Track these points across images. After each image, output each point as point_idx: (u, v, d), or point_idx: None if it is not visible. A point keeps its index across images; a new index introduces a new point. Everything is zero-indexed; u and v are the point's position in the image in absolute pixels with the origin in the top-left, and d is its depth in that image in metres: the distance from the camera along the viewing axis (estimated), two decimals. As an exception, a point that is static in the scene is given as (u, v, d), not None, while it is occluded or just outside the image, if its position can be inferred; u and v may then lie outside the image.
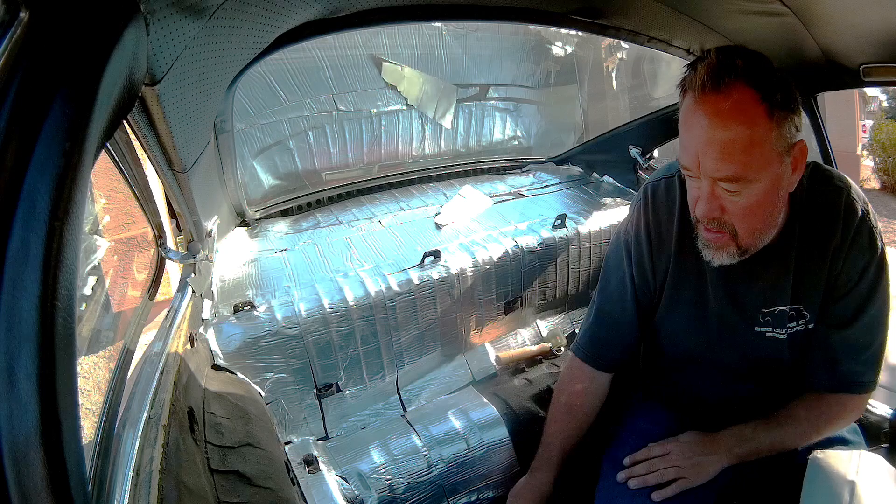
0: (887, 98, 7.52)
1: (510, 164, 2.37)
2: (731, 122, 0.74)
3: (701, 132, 0.76)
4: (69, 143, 0.35)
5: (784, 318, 0.93)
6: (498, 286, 1.72)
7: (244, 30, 0.72)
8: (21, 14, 0.34)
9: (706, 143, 0.75)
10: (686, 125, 0.79)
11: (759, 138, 0.74)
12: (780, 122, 0.75)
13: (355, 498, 1.25)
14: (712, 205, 0.80)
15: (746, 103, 0.74)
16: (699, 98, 0.76)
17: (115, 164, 0.91)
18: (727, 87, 0.74)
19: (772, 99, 0.74)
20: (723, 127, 0.74)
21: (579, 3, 1.05)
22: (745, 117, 0.74)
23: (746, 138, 0.74)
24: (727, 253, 0.84)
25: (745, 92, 0.74)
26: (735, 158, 0.75)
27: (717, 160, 0.75)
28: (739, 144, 0.74)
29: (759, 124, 0.74)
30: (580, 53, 2.89)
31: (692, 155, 0.78)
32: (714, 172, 0.77)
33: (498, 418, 1.47)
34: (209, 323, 1.34)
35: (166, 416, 0.83)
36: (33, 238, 0.32)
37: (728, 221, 0.81)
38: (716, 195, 0.79)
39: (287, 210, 1.91)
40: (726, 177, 0.76)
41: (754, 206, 0.79)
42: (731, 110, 0.74)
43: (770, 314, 0.93)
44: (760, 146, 0.75)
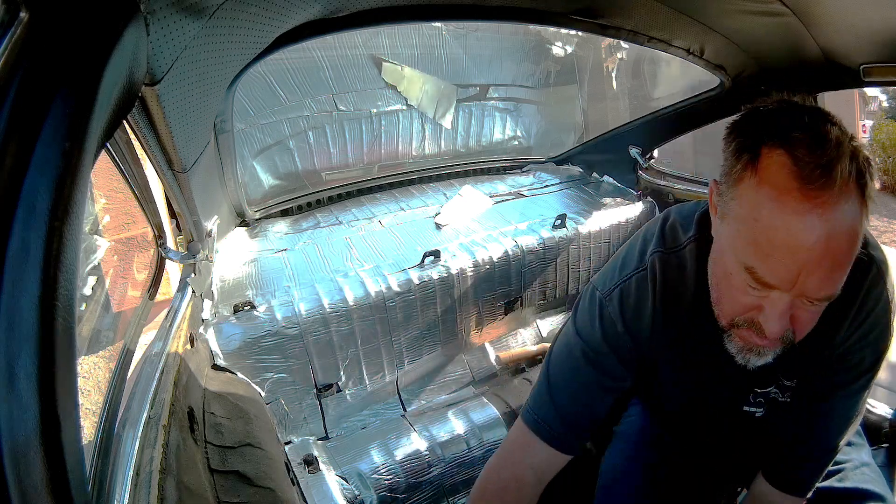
0: (887, 98, 7.53)
1: (510, 164, 2.37)
2: (849, 229, 0.56)
3: (809, 247, 0.56)
4: (69, 143, 0.35)
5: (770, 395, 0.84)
6: (498, 286, 1.72)
7: (244, 30, 0.72)
8: (21, 14, 0.34)
9: (818, 259, 0.56)
10: (776, 237, 0.57)
11: (861, 238, 0.59)
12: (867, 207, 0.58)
13: (355, 498, 1.25)
14: (786, 322, 0.63)
15: (854, 197, 0.56)
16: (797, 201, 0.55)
17: (115, 164, 0.91)
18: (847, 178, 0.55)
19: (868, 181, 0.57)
20: (843, 237, 0.56)
21: (579, 3, 1.05)
22: (856, 221, 0.56)
23: (857, 244, 0.58)
24: (773, 353, 0.68)
25: (853, 181, 0.56)
26: (843, 272, 0.58)
27: (826, 279, 0.58)
28: (850, 255, 0.58)
29: (864, 221, 0.58)
30: (580, 53, 2.89)
31: (787, 273, 0.58)
32: (816, 293, 0.59)
33: (498, 418, 1.47)
34: (209, 323, 1.34)
35: (166, 416, 0.83)
36: (33, 238, 0.32)
37: (797, 329, 0.65)
38: (792, 307, 0.62)
39: (287, 210, 1.91)
40: (831, 295, 0.60)
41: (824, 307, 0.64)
42: (849, 211, 0.55)
43: (763, 395, 0.83)
44: (859, 246, 0.59)
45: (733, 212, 0.62)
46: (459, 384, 1.68)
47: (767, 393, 0.84)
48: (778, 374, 0.82)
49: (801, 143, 0.56)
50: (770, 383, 0.83)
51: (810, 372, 0.79)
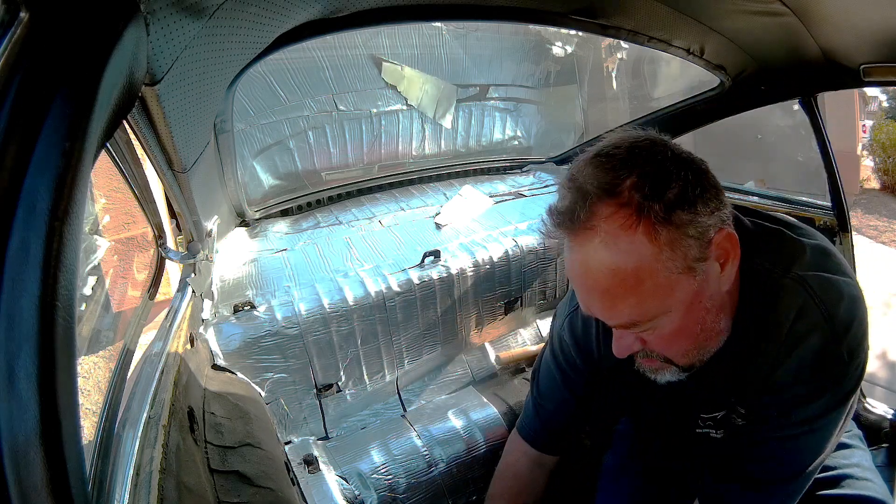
0: (887, 98, 7.52)
1: (510, 164, 2.37)
2: (602, 262, 0.61)
3: (576, 277, 0.65)
4: (69, 143, 0.35)
5: (726, 419, 0.83)
6: (498, 286, 1.72)
7: (244, 30, 0.72)
8: (21, 14, 0.34)
9: (587, 293, 0.65)
10: (567, 269, 0.68)
11: (646, 270, 0.60)
12: (672, 237, 0.60)
13: (355, 498, 1.25)
14: (626, 342, 0.69)
15: (617, 233, 0.60)
16: (567, 239, 0.64)
17: (115, 164, 0.91)
18: (587, 219, 0.60)
19: (652, 213, 0.59)
20: (595, 271, 0.62)
21: (579, 3, 1.05)
22: (620, 252, 0.60)
23: (631, 276, 0.61)
24: (669, 373, 0.73)
25: (612, 218, 0.60)
26: (622, 303, 0.63)
27: (604, 308, 0.65)
28: (622, 287, 0.62)
29: (643, 253, 0.60)
30: (580, 53, 2.89)
31: (583, 303, 0.68)
32: (607, 320, 0.67)
33: (498, 418, 1.47)
34: (209, 323, 1.34)
35: (166, 416, 0.83)
36: (33, 238, 0.32)
37: (654, 350, 0.70)
38: (627, 332, 0.68)
39: (287, 210, 1.91)
40: (621, 325, 0.67)
41: (675, 334, 0.67)
42: (599, 248, 0.60)
43: (712, 419, 0.84)
44: (652, 278, 0.61)
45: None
46: (459, 384, 1.68)
47: (717, 417, 0.83)
48: (728, 399, 0.80)
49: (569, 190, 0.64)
50: (719, 408, 0.82)
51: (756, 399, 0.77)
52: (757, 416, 0.78)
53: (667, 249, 0.60)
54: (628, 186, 0.60)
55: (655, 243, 0.60)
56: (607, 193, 0.60)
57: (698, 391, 0.80)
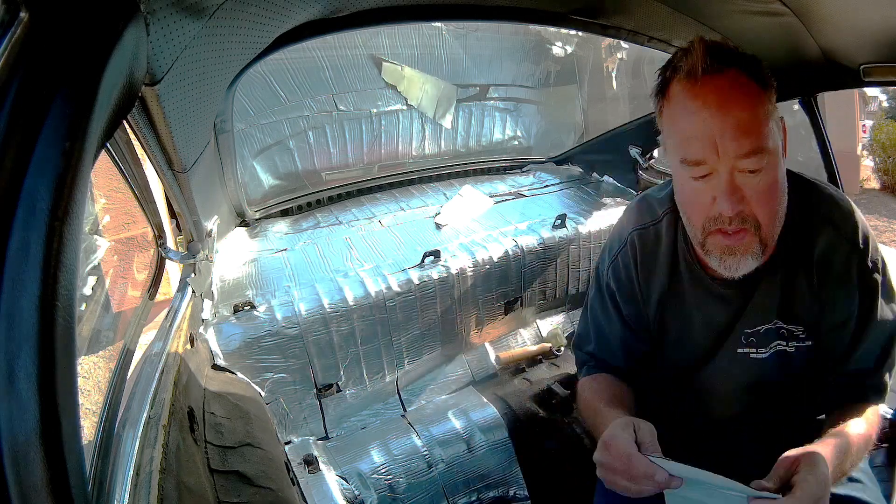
0: (887, 98, 7.52)
1: (510, 164, 2.37)
2: (742, 98, 0.75)
3: (711, 115, 0.75)
4: (69, 143, 0.35)
5: (769, 338, 0.88)
6: (498, 286, 1.72)
7: (244, 30, 0.72)
8: (21, 14, 0.34)
9: (722, 122, 0.75)
10: (688, 115, 0.77)
11: (766, 113, 0.76)
12: (770, 96, 0.78)
13: (355, 498, 1.25)
14: (735, 197, 0.77)
15: (744, 83, 0.76)
16: (700, 83, 0.76)
17: (115, 164, 0.91)
18: (729, 70, 0.76)
19: (760, 78, 0.77)
20: (737, 103, 0.75)
21: (579, 3, 1.05)
22: (751, 94, 0.76)
23: (760, 112, 0.76)
24: (751, 254, 0.79)
25: (739, 74, 0.76)
26: (755, 129, 0.75)
27: (741, 136, 0.74)
28: (755, 118, 0.75)
29: (762, 100, 0.76)
30: (580, 53, 2.89)
31: (705, 142, 0.76)
32: (739, 149, 0.75)
33: (498, 418, 1.47)
34: (209, 323, 1.34)
35: (166, 416, 0.83)
36: (33, 238, 0.32)
37: (750, 213, 0.78)
38: (736, 185, 0.77)
39: (287, 210, 1.91)
40: (751, 150, 0.75)
41: (772, 185, 0.78)
42: (735, 89, 0.75)
43: (755, 334, 0.89)
44: (767, 119, 0.76)
45: (665, 130, 0.82)
46: (459, 384, 1.68)
47: (760, 332, 0.88)
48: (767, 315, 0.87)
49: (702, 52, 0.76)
50: (760, 322, 0.87)
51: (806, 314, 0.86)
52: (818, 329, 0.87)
53: (770, 99, 0.77)
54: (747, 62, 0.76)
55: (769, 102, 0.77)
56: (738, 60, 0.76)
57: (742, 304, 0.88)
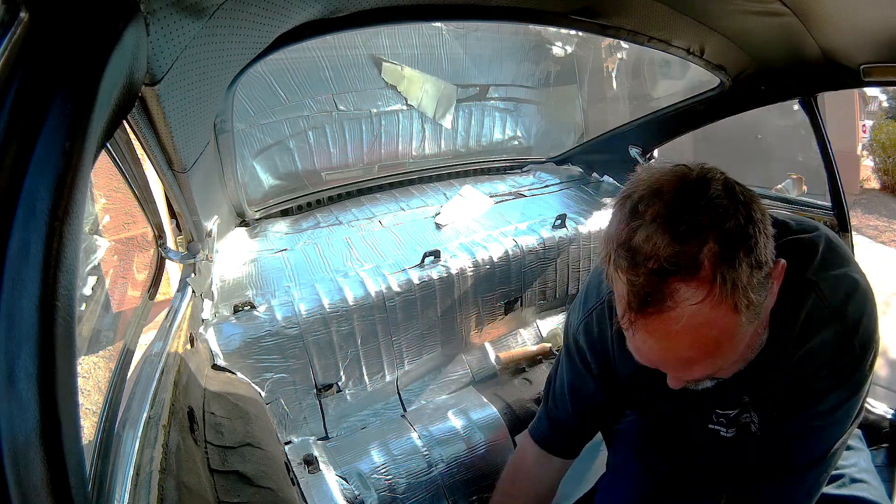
0: (887, 98, 7.51)
1: (510, 164, 2.37)
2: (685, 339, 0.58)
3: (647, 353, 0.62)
4: (69, 143, 0.35)
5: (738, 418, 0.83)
6: (498, 286, 1.72)
7: (244, 30, 0.72)
8: (21, 14, 0.34)
9: (663, 362, 0.63)
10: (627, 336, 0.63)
11: (727, 335, 0.59)
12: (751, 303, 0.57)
13: (355, 498, 1.25)
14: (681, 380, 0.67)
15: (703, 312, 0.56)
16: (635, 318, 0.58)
17: (115, 164, 0.91)
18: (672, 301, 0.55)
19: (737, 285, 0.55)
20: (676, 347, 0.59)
21: (579, 3, 1.05)
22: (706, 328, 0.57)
23: (712, 345, 0.59)
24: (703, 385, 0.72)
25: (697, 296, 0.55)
26: (701, 366, 0.62)
27: (684, 372, 0.64)
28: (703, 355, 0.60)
29: (727, 323, 0.58)
30: (580, 53, 2.89)
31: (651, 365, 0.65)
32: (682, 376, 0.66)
33: (498, 418, 1.47)
34: (209, 323, 1.34)
35: (166, 416, 0.83)
36: (33, 238, 0.32)
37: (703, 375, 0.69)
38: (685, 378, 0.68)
39: (287, 210, 1.91)
40: (694, 381, 0.67)
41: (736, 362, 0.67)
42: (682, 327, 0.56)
43: (725, 416, 0.84)
44: (730, 339, 0.60)
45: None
46: (459, 384, 1.68)
47: (730, 416, 0.84)
48: (741, 398, 0.81)
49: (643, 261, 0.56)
50: (733, 406, 0.83)
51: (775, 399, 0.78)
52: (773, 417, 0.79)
53: (747, 313, 0.57)
54: (708, 256, 0.55)
55: (737, 315, 0.57)
56: (687, 271, 0.55)
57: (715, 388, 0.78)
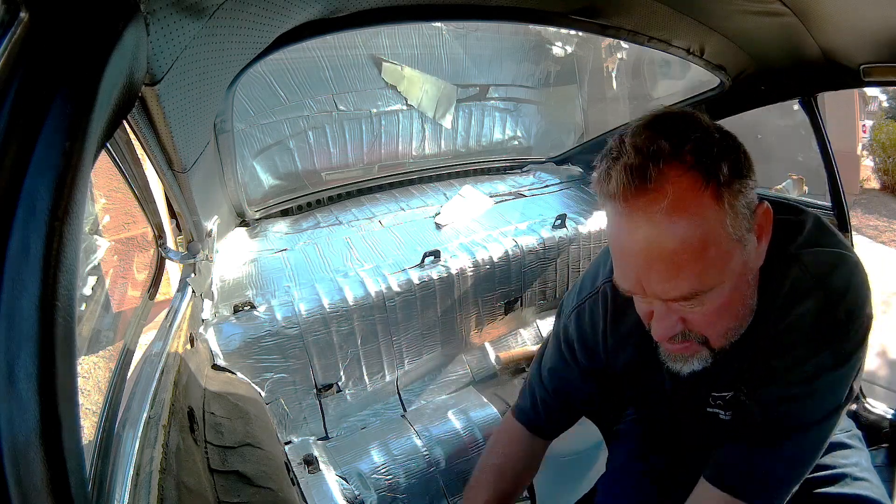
0: (887, 98, 7.51)
1: (510, 164, 2.37)
2: (671, 226, 0.58)
3: (636, 250, 0.60)
4: (69, 143, 0.35)
5: (735, 400, 0.82)
6: (498, 286, 1.72)
7: (244, 30, 0.72)
8: (21, 14, 0.34)
9: (646, 263, 0.60)
10: (616, 243, 0.63)
11: (712, 235, 0.59)
12: (732, 201, 0.59)
13: (355, 498, 1.25)
14: (669, 322, 0.65)
15: (686, 196, 0.57)
16: (623, 206, 0.59)
17: (115, 164, 0.91)
18: (657, 181, 0.57)
19: (717, 175, 0.58)
20: (661, 236, 0.58)
21: (579, 3, 1.04)
22: (690, 215, 0.58)
23: (697, 242, 0.58)
24: (698, 359, 0.70)
25: (681, 180, 0.57)
26: (687, 272, 0.60)
27: (665, 281, 0.61)
28: (689, 253, 0.59)
29: (709, 217, 0.58)
30: (580, 53, 2.89)
31: (632, 279, 0.63)
32: (664, 294, 0.62)
33: (498, 418, 1.47)
34: (209, 323, 1.34)
35: (166, 416, 0.83)
36: (33, 238, 0.32)
37: (694, 331, 0.67)
38: (672, 310, 0.65)
39: (287, 210, 1.91)
40: (681, 296, 0.62)
41: (721, 310, 0.65)
42: (669, 211, 0.57)
43: (721, 398, 0.82)
44: (716, 244, 0.59)
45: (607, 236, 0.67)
46: (459, 384, 1.68)
47: (726, 398, 0.82)
48: (732, 378, 0.80)
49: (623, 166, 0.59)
50: (729, 388, 0.81)
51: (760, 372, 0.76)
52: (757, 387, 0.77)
53: (730, 213, 0.59)
54: (689, 150, 0.58)
55: (721, 207, 0.58)
56: (672, 156, 0.58)
57: (707, 370, 0.76)
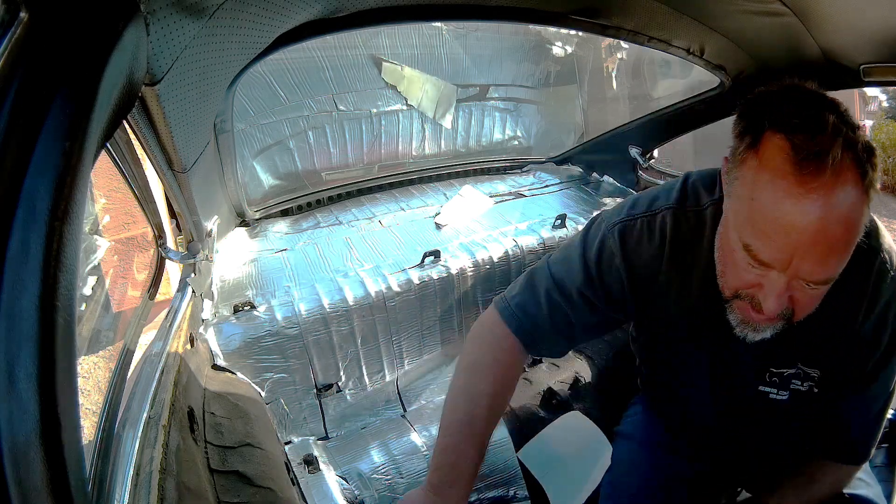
0: (887, 98, 7.51)
1: (510, 164, 2.37)
2: (846, 213, 0.57)
3: (803, 228, 0.57)
4: (69, 143, 0.35)
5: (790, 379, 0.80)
6: (498, 286, 1.72)
7: (244, 30, 0.72)
8: (21, 14, 0.34)
9: (811, 243, 0.58)
10: (775, 216, 0.59)
11: (862, 225, 0.60)
12: (872, 193, 0.60)
13: (355, 498, 1.25)
14: (784, 300, 0.64)
15: (856, 185, 0.58)
16: (800, 180, 0.57)
17: (115, 164, 0.91)
18: (838, 166, 0.56)
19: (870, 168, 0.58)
20: (836, 222, 0.57)
21: (579, 3, 1.04)
22: (857, 203, 0.58)
23: (856, 230, 0.59)
24: (772, 329, 0.69)
25: (852, 167, 0.57)
26: (841, 258, 0.60)
27: (821, 263, 0.60)
28: (849, 241, 0.59)
29: (863, 207, 0.59)
30: (580, 53, 2.89)
31: (781, 255, 0.60)
32: (811, 275, 0.61)
33: (498, 418, 1.47)
34: (209, 323, 1.34)
35: (166, 416, 0.83)
36: (33, 238, 0.32)
37: (790, 310, 0.66)
38: (792, 288, 0.63)
39: (287, 210, 1.91)
40: (824, 280, 0.62)
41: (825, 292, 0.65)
42: (844, 197, 0.57)
43: (778, 375, 0.80)
44: (857, 234, 0.60)
45: (736, 191, 0.65)
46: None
47: (784, 375, 0.79)
48: (796, 359, 0.79)
49: (799, 130, 0.58)
50: (788, 365, 0.79)
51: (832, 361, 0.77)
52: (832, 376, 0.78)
53: (867, 205, 0.60)
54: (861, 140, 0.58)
55: (868, 198, 0.59)
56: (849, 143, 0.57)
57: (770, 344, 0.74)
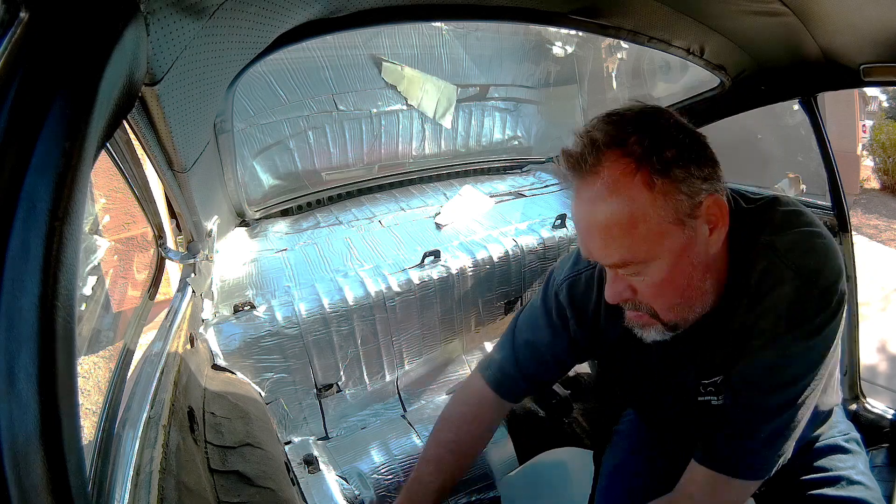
0: (887, 98, 7.50)
1: (510, 164, 2.37)
2: (603, 203, 0.68)
3: (579, 219, 0.73)
4: (69, 143, 0.35)
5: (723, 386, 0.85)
6: (498, 286, 1.72)
7: (244, 30, 0.72)
8: (21, 14, 0.34)
9: (586, 230, 0.72)
10: (572, 213, 0.76)
11: (640, 214, 0.68)
12: (666, 188, 0.67)
13: (355, 498, 1.25)
14: (618, 288, 0.75)
15: (617, 178, 0.68)
16: (574, 184, 0.72)
17: (115, 164, 0.91)
18: (594, 164, 0.68)
19: (650, 164, 0.67)
20: (595, 211, 0.69)
21: (579, 3, 1.04)
22: (618, 195, 0.68)
23: (625, 218, 0.68)
24: (654, 330, 0.77)
25: (615, 165, 0.68)
26: (617, 242, 0.70)
27: (600, 247, 0.71)
28: (618, 228, 0.69)
29: (636, 199, 0.67)
30: (580, 53, 2.88)
31: (582, 245, 0.75)
32: (602, 259, 0.73)
33: (498, 418, 1.47)
34: (209, 323, 1.34)
35: (166, 416, 0.83)
36: (33, 238, 0.32)
37: (642, 301, 0.75)
38: (620, 277, 0.74)
39: (287, 210, 1.91)
40: (614, 263, 0.72)
41: (663, 284, 0.72)
42: (602, 190, 0.68)
43: (712, 384, 0.85)
44: (644, 222, 0.68)
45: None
46: (459, 384, 1.67)
47: (717, 383, 0.85)
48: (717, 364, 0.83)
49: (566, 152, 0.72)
50: (715, 373, 0.84)
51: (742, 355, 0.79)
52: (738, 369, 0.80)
53: (660, 198, 0.68)
54: (633, 140, 0.68)
55: (650, 191, 0.67)
56: (613, 143, 0.68)
57: (694, 358, 0.84)
